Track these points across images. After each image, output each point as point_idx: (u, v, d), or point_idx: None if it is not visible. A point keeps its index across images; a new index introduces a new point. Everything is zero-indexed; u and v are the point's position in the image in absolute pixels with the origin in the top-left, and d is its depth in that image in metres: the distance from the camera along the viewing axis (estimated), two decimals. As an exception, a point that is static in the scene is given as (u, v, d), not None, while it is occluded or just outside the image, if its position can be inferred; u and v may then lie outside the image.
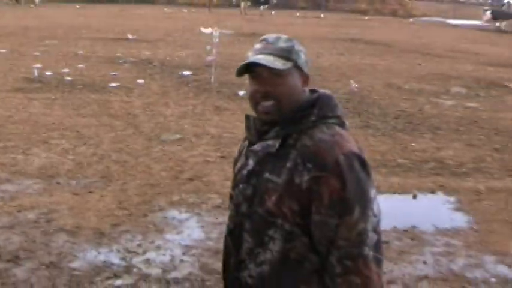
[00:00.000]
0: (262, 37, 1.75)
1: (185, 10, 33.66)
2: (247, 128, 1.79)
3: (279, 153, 1.67)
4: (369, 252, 1.60)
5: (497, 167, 6.74)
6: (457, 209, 5.48)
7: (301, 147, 1.65)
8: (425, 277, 4.11)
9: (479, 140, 7.92)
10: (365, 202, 1.61)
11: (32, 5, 33.53)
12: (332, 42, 19.15)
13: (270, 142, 1.69)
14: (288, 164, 1.64)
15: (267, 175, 1.68)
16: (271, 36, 1.73)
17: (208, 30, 12.29)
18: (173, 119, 8.44)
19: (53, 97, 9.53)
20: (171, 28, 21.54)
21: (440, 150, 7.35)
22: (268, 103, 1.67)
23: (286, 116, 1.68)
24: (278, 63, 1.65)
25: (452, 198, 5.72)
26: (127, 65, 13.11)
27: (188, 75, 11.86)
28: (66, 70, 11.85)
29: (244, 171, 1.76)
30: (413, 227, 4.99)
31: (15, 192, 5.47)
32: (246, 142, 1.83)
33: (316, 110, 1.69)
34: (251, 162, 1.74)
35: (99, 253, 4.28)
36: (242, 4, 33.06)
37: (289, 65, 1.67)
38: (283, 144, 1.67)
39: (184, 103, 9.45)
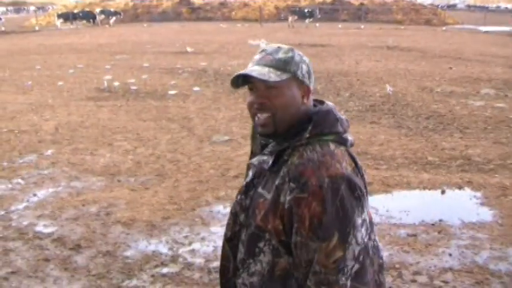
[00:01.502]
0: (262, 47, 1.52)
1: (239, 25, 33.74)
2: (253, 138, 1.62)
3: (273, 169, 1.49)
4: (346, 282, 1.39)
5: (523, 164, 6.33)
6: (483, 204, 5.15)
7: (290, 165, 1.43)
8: (450, 269, 3.84)
9: (506, 138, 7.46)
10: (346, 229, 1.38)
11: (107, 25, 34.55)
12: (370, 50, 18.70)
13: (265, 157, 1.50)
14: (277, 181, 1.45)
15: (260, 189, 1.51)
16: (271, 47, 1.50)
17: (255, 42, 12.20)
18: (223, 122, 8.38)
19: (119, 104, 9.67)
20: (225, 41, 21.56)
21: (468, 148, 6.97)
22: (263, 115, 1.46)
23: (282, 130, 1.47)
24: (272, 75, 1.43)
25: (478, 194, 5.39)
26: (185, 74, 13.18)
27: (238, 82, 11.80)
28: (132, 80, 12.02)
29: (244, 182, 1.59)
30: (441, 220, 4.72)
31: (82, 188, 5.53)
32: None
33: (311, 126, 1.45)
34: (250, 174, 1.57)
35: (149, 243, 4.24)
36: (290, 18, 32.94)
37: (285, 76, 1.44)
38: (277, 160, 1.48)
39: (234, 108, 9.39)
